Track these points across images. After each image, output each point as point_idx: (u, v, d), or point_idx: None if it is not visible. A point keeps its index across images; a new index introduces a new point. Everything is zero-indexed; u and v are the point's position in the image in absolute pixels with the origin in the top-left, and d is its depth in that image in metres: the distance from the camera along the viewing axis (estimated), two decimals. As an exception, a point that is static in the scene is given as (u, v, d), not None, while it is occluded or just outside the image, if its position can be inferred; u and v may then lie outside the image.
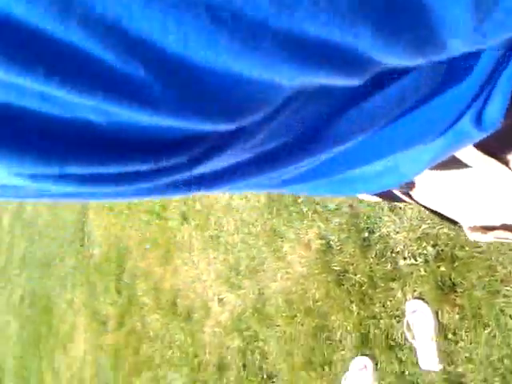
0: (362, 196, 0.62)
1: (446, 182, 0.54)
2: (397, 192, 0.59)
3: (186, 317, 3.13)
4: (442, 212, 0.62)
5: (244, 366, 2.68)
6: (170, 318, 3.26)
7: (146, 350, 3.43)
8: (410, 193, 0.59)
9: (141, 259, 3.67)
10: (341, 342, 2.19)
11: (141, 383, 3.41)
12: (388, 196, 0.61)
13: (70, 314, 4.65)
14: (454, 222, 0.64)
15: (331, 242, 2.28)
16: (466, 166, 0.46)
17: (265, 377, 2.55)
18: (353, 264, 2.17)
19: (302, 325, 2.39)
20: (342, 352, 2.18)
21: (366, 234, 2.10)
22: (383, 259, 2.05)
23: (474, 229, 0.60)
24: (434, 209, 0.62)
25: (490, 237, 0.58)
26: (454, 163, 0.46)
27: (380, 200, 0.65)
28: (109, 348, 3.87)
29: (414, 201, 0.60)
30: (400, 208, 1.97)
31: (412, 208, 1.95)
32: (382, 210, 2.02)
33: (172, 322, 3.24)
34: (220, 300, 2.91)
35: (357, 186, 0.47)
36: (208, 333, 2.95)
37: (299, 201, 2.41)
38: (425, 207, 0.62)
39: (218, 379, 2.82)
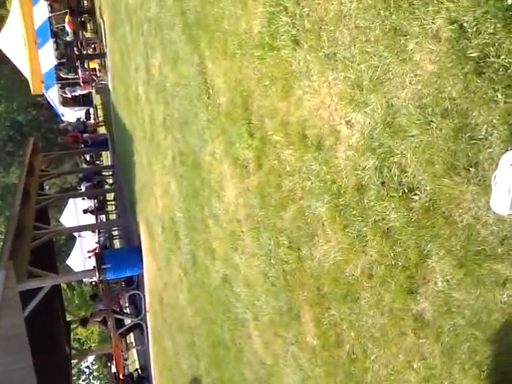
0: None
1: None
2: None
3: (317, 146, 3.05)
4: None
5: (383, 183, 2.57)
6: (303, 150, 3.21)
7: (287, 185, 3.50)
8: None
9: (264, 98, 3.58)
10: (486, 138, 1.91)
11: (289, 216, 3.55)
12: None
13: (215, 165, 4.93)
14: None
15: (465, 25, 1.88)
16: None
17: (406, 191, 2.42)
18: (494, 44, 1.78)
19: (440, 129, 2.13)
20: (489, 150, 1.91)
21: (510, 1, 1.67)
22: (535, 27, 1.63)
23: None
24: None
25: None
26: None
27: None
28: (254, 189, 4.06)
29: None
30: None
31: None
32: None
33: (305, 153, 3.19)
34: (348, 122, 2.73)
35: None
36: (341, 157, 2.85)
37: (419, -17, 1.99)
38: None
39: (359, 201, 2.77)
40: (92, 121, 21.41)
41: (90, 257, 19.92)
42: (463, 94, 1.97)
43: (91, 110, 22.14)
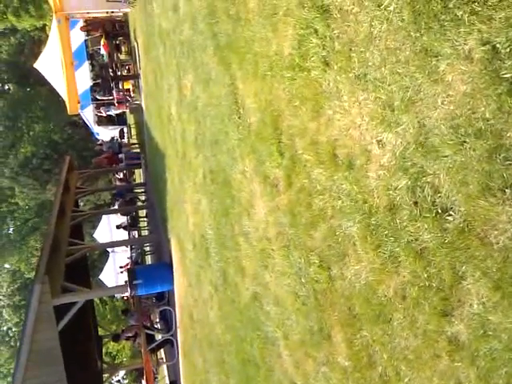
0: None
1: None
2: None
3: (348, 165, 3.05)
4: None
5: (415, 203, 2.54)
6: (333, 169, 3.22)
7: (317, 204, 3.50)
8: None
9: (294, 118, 3.62)
10: (522, 159, 1.88)
11: (320, 235, 3.54)
12: None
13: (245, 183, 4.98)
14: None
15: (497, 46, 1.87)
16: None
17: (440, 211, 2.39)
18: (529, 65, 1.77)
19: (474, 150, 2.11)
20: (526, 170, 1.88)
21: (544, 22, 1.66)
22: None
23: None
24: None
25: None
26: None
27: None
28: (285, 207, 4.07)
29: None
30: None
31: None
32: None
33: (336, 173, 3.20)
34: (379, 142, 2.73)
35: None
36: (373, 177, 2.84)
37: (450, 5, 1.99)
38: None
39: (391, 221, 2.75)
40: (125, 140, 21.92)
41: (122, 272, 20.22)
42: (497, 115, 1.95)
43: (125, 129, 22.71)
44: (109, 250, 23.73)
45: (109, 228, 22.29)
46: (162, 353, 14.88)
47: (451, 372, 2.45)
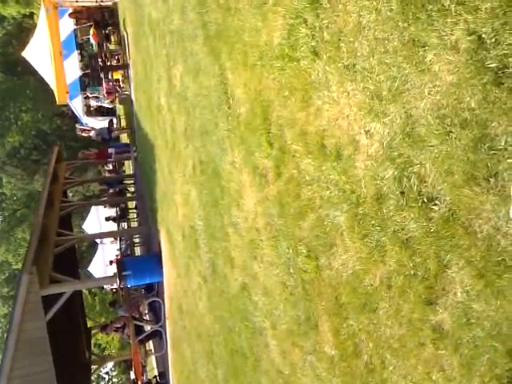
0: None
1: None
2: None
3: (336, 156, 3.07)
4: None
5: (402, 193, 2.57)
6: (322, 159, 3.23)
7: (306, 194, 3.52)
8: None
9: (283, 108, 3.62)
10: (506, 149, 1.91)
11: (308, 225, 3.56)
12: None
13: (234, 174, 4.98)
14: None
15: (483, 36, 1.89)
16: None
17: (425, 201, 2.41)
18: (514, 55, 1.79)
19: (459, 139, 2.13)
20: (509, 160, 1.90)
21: (528, 12, 1.67)
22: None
23: None
24: None
25: None
26: None
27: None
28: (273, 198, 4.08)
29: None
30: None
31: None
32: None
33: (324, 163, 3.21)
34: (367, 132, 2.74)
35: None
36: (360, 167, 2.86)
37: (438, -5, 2.01)
38: None
39: (378, 210, 2.78)
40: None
41: (111, 264, 20.14)
42: (482, 105, 1.97)
43: (114, 120, 22.51)
44: (97, 241, 23.62)
45: (98, 219, 22.18)
46: (150, 344, 14.90)
47: (435, 360, 2.49)
